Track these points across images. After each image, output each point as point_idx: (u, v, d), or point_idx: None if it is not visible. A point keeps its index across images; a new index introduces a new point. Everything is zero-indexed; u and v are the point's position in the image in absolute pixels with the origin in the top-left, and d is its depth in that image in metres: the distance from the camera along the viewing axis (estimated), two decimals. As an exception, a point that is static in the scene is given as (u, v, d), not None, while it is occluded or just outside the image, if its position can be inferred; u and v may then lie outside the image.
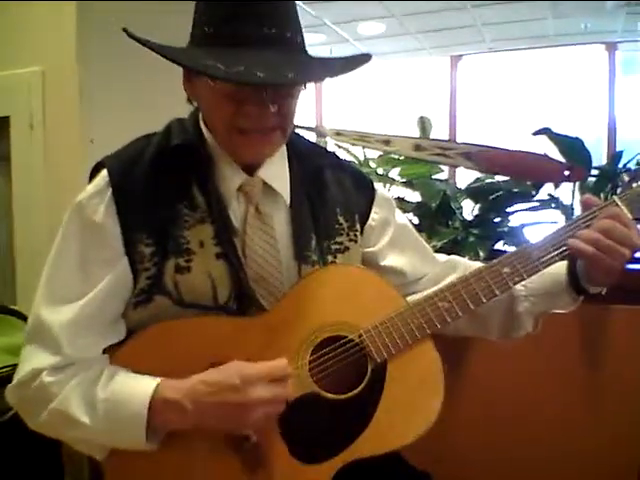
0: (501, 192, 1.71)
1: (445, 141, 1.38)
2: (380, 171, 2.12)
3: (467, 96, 7.78)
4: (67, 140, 2.16)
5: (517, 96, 7.43)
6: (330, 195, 1.21)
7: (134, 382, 1.02)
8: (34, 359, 1.03)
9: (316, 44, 7.04)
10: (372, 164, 2.17)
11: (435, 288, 1.17)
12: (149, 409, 0.98)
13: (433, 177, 2.00)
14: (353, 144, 1.52)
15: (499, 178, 1.77)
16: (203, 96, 1.09)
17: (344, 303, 1.15)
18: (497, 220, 1.84)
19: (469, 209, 1.89)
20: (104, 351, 1.08)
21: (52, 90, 2.18)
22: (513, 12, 6.20)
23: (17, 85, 2.21)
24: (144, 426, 0.98)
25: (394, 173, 2.13)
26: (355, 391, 1.10)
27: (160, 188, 1.08)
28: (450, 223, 1.76)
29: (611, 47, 7.26)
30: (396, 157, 1.91)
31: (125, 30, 1.02)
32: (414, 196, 2.00)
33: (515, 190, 1.70)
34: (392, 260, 1.29)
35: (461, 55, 7.83)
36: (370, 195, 1.27)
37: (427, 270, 1.32)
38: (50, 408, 1.00)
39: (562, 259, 1.16)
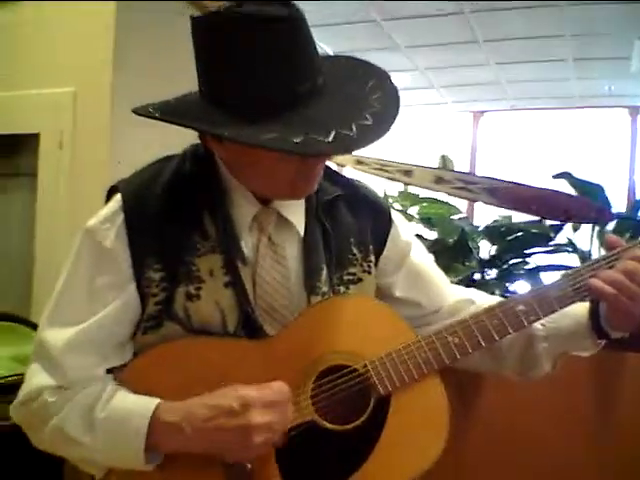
0: (519, 234, 1.73)
1: (468, 174, 1.38)
2: (398, 206, 2.15)
3: (488, 152, 7.84)
4: (94, 161, 2.21)
5: (538, 154, 7.47)
6: (344, 226, 1.19)
7: (134, 402, 1.01)
8: (37, 377, 1.03)
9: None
10: (391, 200, 2.20)
11: (447, 322, 1.15)
12: (148, 429, 0.97)
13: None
14: (374, 174, 1.52)
15: (517, 219, 1.78)
16: (248, 157, 1.04)
17: (350, 332, 1.12)
18: (514, 261, 1.85)
19: (486, 249, 1.90)
20: (109, 371, 1.07)
21: (82, 111, 2.25)
22: (537, 71, 6.30)
23: (48, 104, 2.28)
24: (143, 446, 0.97)
25: (413, 210, 2.17)
26: (356, 423, 1.07)
27: (172, 215, 1.07)
28: (467, 262, 1.76)
29: (634, 112, 7.31)
30: (416, 194, 1.94)
31: (159, 118, 1.00)
32: (431, 234, 2.02)
33: (533, 231, 1.71)
34: (408, 291, 1.26)
35: (483, 111, 7.92)
36: (387, 225, 1.25)
37: (444, 302, 1.29)
38: (50, 425, 1.00)
39: (581, 300, 1.13)
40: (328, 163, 1.24)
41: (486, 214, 1.90)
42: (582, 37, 5.36)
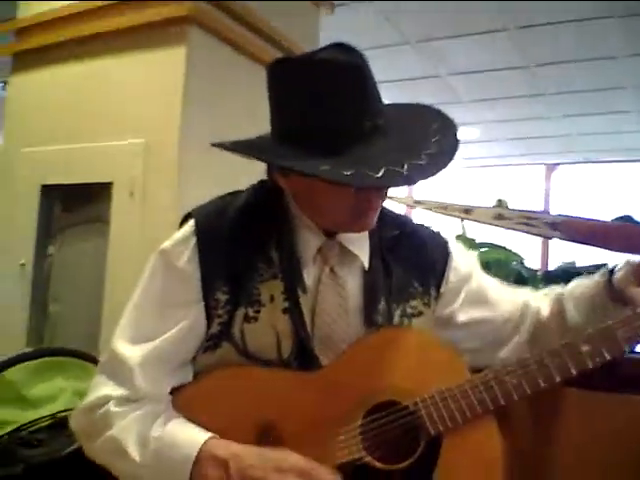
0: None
1: (529, 211, 1.37)
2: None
3: (561, 204, 7.68)
4: (163, 207, 2.32)
5: (611, 207, 7.27)
6: (406, 261, 1.22)
7: (189, 429, 1.04)
8: (105, 387, 1.07)
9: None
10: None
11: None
12: (196, 458, 0.99)
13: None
14: (433, 211, 1.53)
15: (579, 264, 1.73)
16: (310, 189, 1.10)
17: (404, 367, 1.10)
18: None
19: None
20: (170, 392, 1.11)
21: (153, 160, 2.37)
22: (604, 124, 6.20)
23: (121, 154, 2.42)
24: (188, 472, 0.99)
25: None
26: (405, 463, 1.05)
27: (241, 241, 1.12)
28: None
29: None
30: (473, 239, 1.93)
31: (230, 148, 1.09)
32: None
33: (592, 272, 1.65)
34: (474, 312, 1.27)
35: (557, 164, 7.81)
36: (445, 259, 1.26)
37: (513, 309, 1.29)
38: (106, 435, 1.04)
39: None
40: (388, 204, 1.28)
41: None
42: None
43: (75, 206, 2.60)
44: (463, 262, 1.29)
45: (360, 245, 1.19)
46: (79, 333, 2.39)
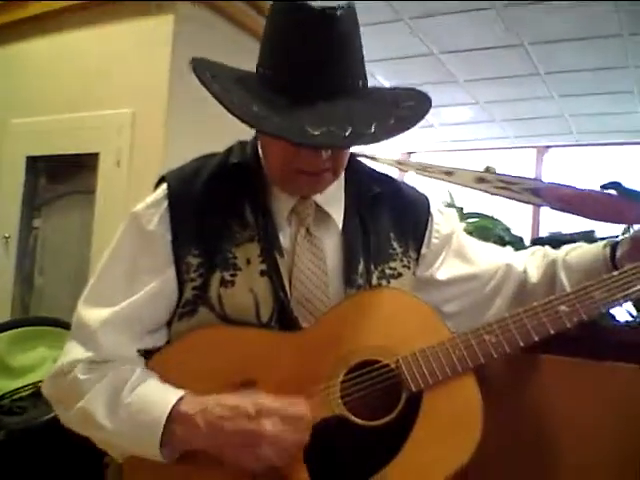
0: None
1: (512, 176, 1.35)
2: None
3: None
4: (150, 178, 2.28)
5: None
6: (384, 221, 1.20)
7: (158, 391, 1.02)
8: (72, 352, 1.06)
9: (401, 127, 7.19)
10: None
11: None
12: (166, 419, 0.98)
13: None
14: (415, 172, 1.51)
15: (567, 231, 1.72)
16: (262, 140, 1.13)
17: (384, 327, 1.11)
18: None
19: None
20: (144, 357, 1.09)
21: (140, 131, 2.35)
22: (602, 104, 6.17)
23: (108, 124, 2.39)
24: (159, 434, 0.98)
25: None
26: (385, 419, 1.05)
27: (214, 203, 1.11)
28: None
29: None
30: (460, 207, 1.91)
31: (193, 66, 1.06)
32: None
33: (580, 240, 1.64)
34: (458, 269, 1.26)
35: (548, 147, 7.78)
36: (426, 219, 1.25)
37: (493, 271, 1.28)
38: (77, 407, 1.03)
39: (627, 301, 1.11)
40: (368, 162, 1.26)
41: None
42: (647, 68, 5.24)
43: (61, 178, 2.57)
44: (444, 223, 1.27)
45: (335, 204, 1.17)
46: (65, 305, 2.33)
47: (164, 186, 1.12)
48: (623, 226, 1.81)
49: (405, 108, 1.05)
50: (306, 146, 1.00)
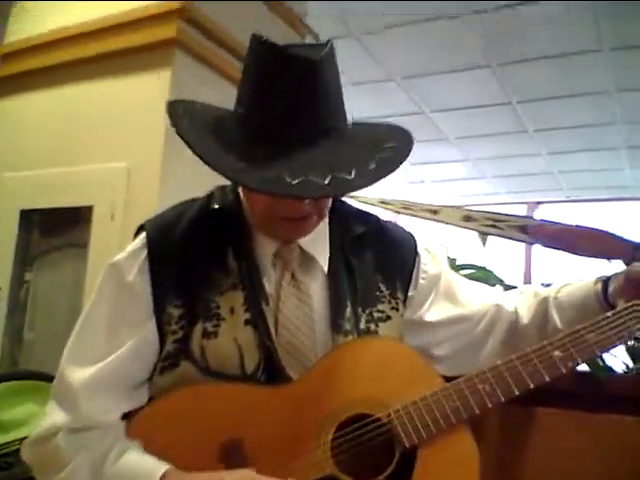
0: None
1: (499, 214, 1.35)
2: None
3: (543, 255, 7.70)
4: (143, 232, 2.29)
5: (597, 261, 7.25)
6: (370, 262, 1.18)
7: (142, 464, 0.98)
8: (53, 416, 1.03)
9: (391, 183, 7.28)
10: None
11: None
12: None
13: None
14: (398, 212, 1.51)
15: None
16: (244, 191, 1.11)
17: (374, 378, 1.08)
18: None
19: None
20: (125, 415, 1.05)
21: (135, 184, 2.35)
22: (590, 161, 6.27)
23: (103, 178, 2.40)
24: None
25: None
26: (378, 478, 1.01)
27: (195, 251, 1.08)
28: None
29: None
30: (453, 259, 1.92)
31: (168, 110, 1.04)
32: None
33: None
34: (446, 310, 1.24)
35: (539, 202, 7.86)
36: (413, 259, 1.22)
37: (483, 311, 1.26)
38: (60, 477, 0.99)
39: (622, 344, 1.10)
40: (353, 202, 1.25)
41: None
42: (635, 124, 5.34)
43: (54, 231, 2.56)
44: (432, 263, 1.25)
45: (319, 247, 1.15)
46: (54, 361, 2.31)
47: (143, 235, 1.10)
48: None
49: (387, 149, 1.02)
50: (285, 198, 0.97)
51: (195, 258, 1.08)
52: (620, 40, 4.03)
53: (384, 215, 1.31)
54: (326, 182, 0.93)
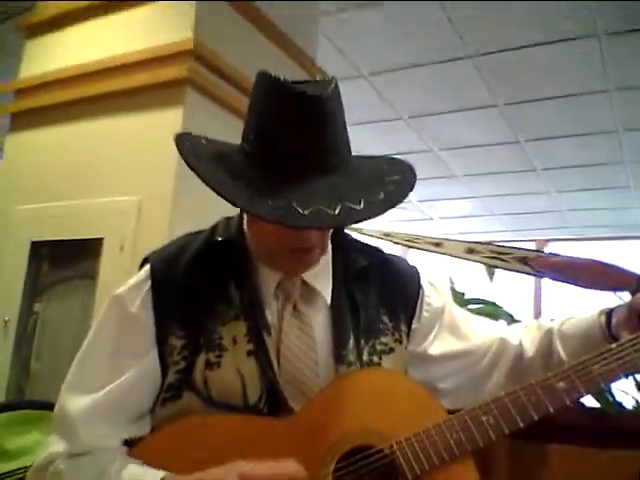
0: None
1: (500, 246, 1.36)
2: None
3: (553, 285, 7.66)
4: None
5: (607, 296, 7.21)
6: (374, 294, 1.18)
7: (141, 472, 0.98)
8: (53, 445, 1.03)
9: (400, 220, 7.31)
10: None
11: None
12: None
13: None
14: (402, 245, 1.52)
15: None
16: (251, 223, 1.11)
17: (377, 410, 1.07)
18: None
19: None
20: (125, 444, 1.05)
21: (145, 217, 2.39)
22: (599, 199, 6.29)
23: (113, 211, 2.43)
24: None
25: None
26: None
27: (198, 283, 1.08)
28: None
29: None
30: (462, 293, 1.92)
31: (176, 142, 1.06)
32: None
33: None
34: (449, 344, 1.23)
35: (547, 240, 7.86)
36: (417, 292, 1.23)
37: (485, 346, 1.25)
38: None
39: (627, 376, 1.08)
40: (357, 236, 1.26)
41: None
42: (642, 164, 5.37)
43: (64, 262, 2.59)
44: (435, 296, 1.25)
45: (322, 279, 1.15)
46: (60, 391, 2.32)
47: (147, 267, 1.11)
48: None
49: (392, 181, 1.03)
50: (298, 228, 0.98)
51: (198, 290, 1.08)
52: (627, 80, 4.07)
53: (390, 248, 1.31)
54: (336, 212, 0.93)
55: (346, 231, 1.24)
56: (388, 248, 1.29)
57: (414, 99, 4.62)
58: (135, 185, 2.44)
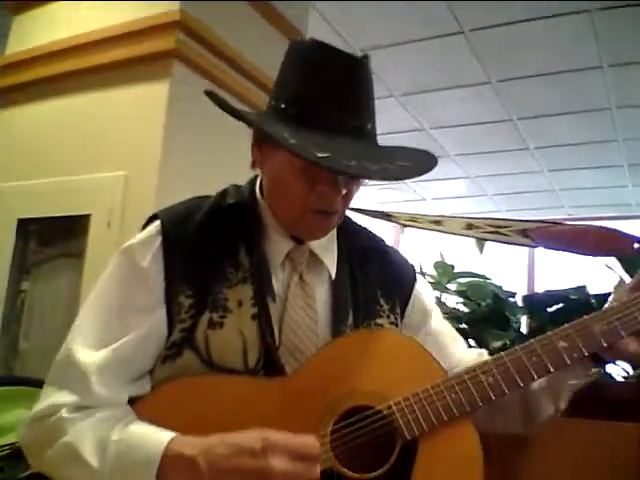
0: (560, 305, 1.65)
1: (499, 219, 1.35)
2: (432, 280, 2.10)
3: (545, 260, 7.70)
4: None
5: (599, 266, 7.24)
6: (373, 276, 1.19)
7: (152, 430, 0.95)
8: (55, 396, 0.99)
9: (394, 201, 7.29)
10: (429, 278, 2.17)
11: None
12: (162, 459, 0.90)
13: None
14: (404, 225, 1.51)
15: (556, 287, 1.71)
16: (275, 167, 1.09)
17: (375, 370, 1.06)
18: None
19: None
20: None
21: (132, 193, 2.36)
22: (592, 178, 6.27)
23: (101, 187, 2.40)
24: (153, 476, 0.90)
25: (451, 286, 2.12)
26: (379, 471, 0.99)
27: (208, 244, 1.08)
28: (504, 334, 1.68)
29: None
30: (451, 265, 1.91)
31: (209, 94, 1.10)
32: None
33: (572, 297, 1.63)
34: (433, 348, 1.19)
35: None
36: (412, 284, 1.25)
37: (462, 357, 1.25)
38: (61, 442, 0.95)
39: (630, 334, 1.06)
40: (356, 217, 1.26)
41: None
42: (636, 141, 5.34)
43: (51, 240, 2.56)
44: (427, 295, 1.28)
45: (329, 253, 1.17)
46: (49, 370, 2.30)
47: (157, 223, 1.10)
48: (614, 281, 1.81)
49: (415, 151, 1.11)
50: (347, 175, 1.02)
51: (208, 250, 1.08)
52: (620, 56, 4.04)
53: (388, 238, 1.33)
54: (376, 168, 0.99)
55: (348, 214, 1.24)
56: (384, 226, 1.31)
57: (405, 76, 4.58)
58: (121, 160, 2.41)
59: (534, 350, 1.06)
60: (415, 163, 1.05)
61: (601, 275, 1.75)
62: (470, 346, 1.33)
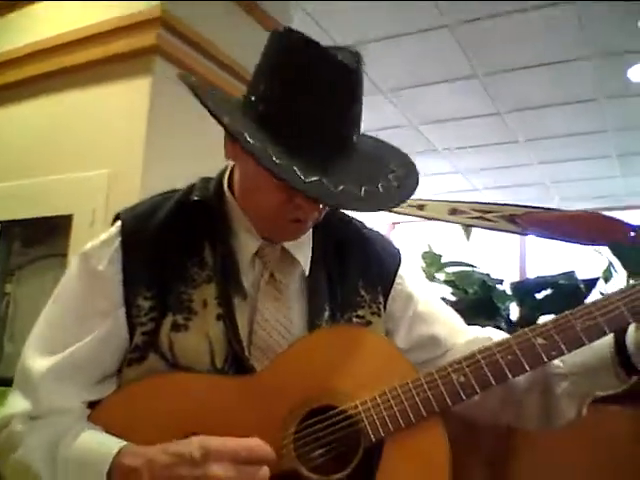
0: (549, 291, 1.63)
1: (485, 203, 1.31)
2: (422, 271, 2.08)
3: (536, 252, 7.70)
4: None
5: (589, 253, 7.25)
6: (352, 267, 1.15)
7: (98, 443, 0.93)
8: (11, 406, 0.98)
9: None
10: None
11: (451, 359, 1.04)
12: (108, 474, 0.88)
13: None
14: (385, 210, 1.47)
15: (546, 273, 1.69)
16: (250, 170, 1.04)
17: (343, 368, 1.01)
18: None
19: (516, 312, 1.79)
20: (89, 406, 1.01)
21: (115, 191, 2.33)
22: (581, 169, 6.27)
23: (83, 186, 2.37)
24: None
25: (439, 276, 2.10)
26: (342, 473, 0.95)
27: (171, 242, 1.04)
28: (493, 321, 1.66)
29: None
30: (439, 255, 1.88)
31: (182, 76, 1.06)
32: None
33: (561, 282, 1.60)
34: (419, 331, 1.18)
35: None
36: (394, 266, 1.20)
37: (459, 339, 1.19)
38: (11, 458, 0.94)
39: (612, 331, 0.98)
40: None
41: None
42: (625, 131, 5.33)
43: (34, 242, 2.53)
44: (412, 279, 1.22)
45: (302, 249, 1.12)
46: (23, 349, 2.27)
47: (118, 224, 1.07)
48: (603, 267, 1.79)
49: (399, 167, 1.05)
50: (331, 206, 1.01)
51: (170, 250, 1.04)
52: (607, 46, 4.03)
53: (378, 227, 1.29)
54: (362, 194, 0.94)
55: None
56: (375, 225, 1.26)
57: (391, 72, 4.55)
58: (103, 158, 2.39)
59: (509, 347, 0.99)
60: (403, 182, 1.00)
61: (590, 260, 1.73)
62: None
